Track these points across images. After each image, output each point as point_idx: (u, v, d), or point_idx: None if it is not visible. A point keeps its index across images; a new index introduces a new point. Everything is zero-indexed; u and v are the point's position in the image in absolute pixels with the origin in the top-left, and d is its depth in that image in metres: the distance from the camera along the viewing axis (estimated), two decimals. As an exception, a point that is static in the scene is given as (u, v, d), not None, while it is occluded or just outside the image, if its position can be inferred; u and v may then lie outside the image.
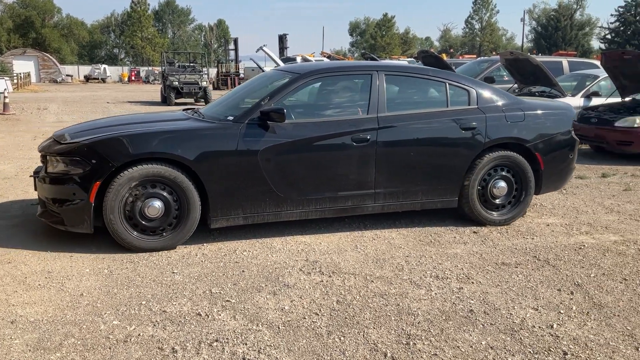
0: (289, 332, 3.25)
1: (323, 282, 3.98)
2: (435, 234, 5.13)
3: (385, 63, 5.94)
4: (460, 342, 3.16)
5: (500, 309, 3.58)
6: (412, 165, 5.09)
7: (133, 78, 51.79)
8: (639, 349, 3.11)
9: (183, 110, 5.68)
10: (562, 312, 3.55)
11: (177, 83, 21.93)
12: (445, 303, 3.66)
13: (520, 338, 3.21)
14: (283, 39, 36.17)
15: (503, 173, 5.39)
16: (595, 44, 72.40)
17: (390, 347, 3.09)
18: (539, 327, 3.35)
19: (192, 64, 26.12)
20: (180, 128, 4.78)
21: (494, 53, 54.06)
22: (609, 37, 67.71)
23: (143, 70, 54.45)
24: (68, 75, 51.60)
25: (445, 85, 5.37)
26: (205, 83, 22.85)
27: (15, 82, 33.23)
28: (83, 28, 75.78)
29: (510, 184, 5.42)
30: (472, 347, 3.10)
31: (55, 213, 4.55)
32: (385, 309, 3.55)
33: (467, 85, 5.43)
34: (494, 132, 5.26)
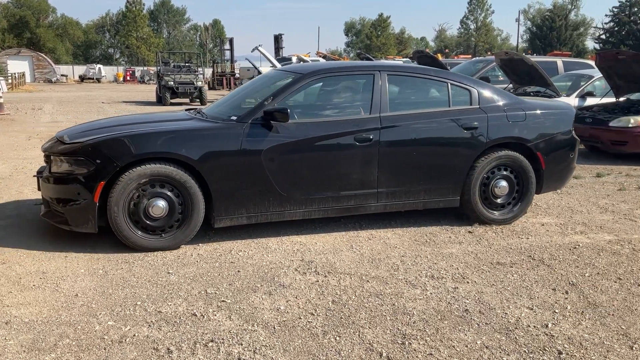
0: (285, 332, 3.25)
1: (319, 282, 3.98)
2: (431, 234, 5.14)
3: (387, 63, 5.94)
4: (456, 341, 3.16)
5: (496, 309, 3.58)
6: (414, 165, 5.11)
7: (128, 78, 51.72)
8: (633, 348, 3.12)
9: (186, 110, 5.70)
10: (557, 311, 3.56)
11: (172, 83, 21.89)
12: (441, 303, 3.66)
13: (515, 337, 3.22)
14: (278, 39, 36.18)
15: (504, 172, 5.41)
16: (590, 44, 72.82)
17: (386, 346, 3.09)
18: (534, 326, 3.35)
19: (187, 64, 26.07)
20: (184, 128, 4.79)
21: (489, 53, 54.20)
22: (604, 37, 68.04)
23: (138, 70, 54.38)
24: (63, 75, 51.49)
25: (447, 85, 5.39)
26: (201, 83, 22.82)
27: (10, 82, 33.13)
28: (78, 28, 75.62)
29: (512, 184, 5.44)
30: (467, 346, 3.11)
31: (60, 213, 4.55)
32: (381, 309, 3.55)
33: (468, 85, 5.45)
34: (496, 131, 5.29)
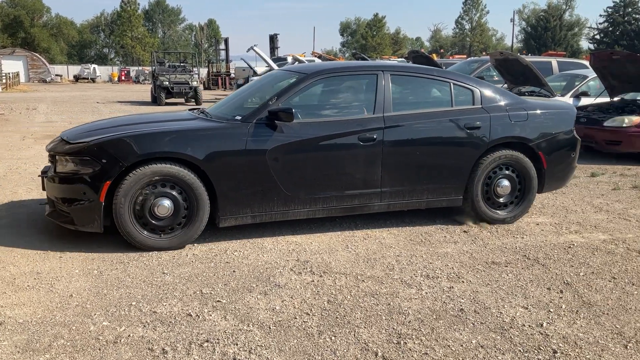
0: (280, 332, 3.25)
1: (314, 282, 3.98)
2: (426, 234, 5.14)
3: (391, 63, 5.97)
4: (451, 341, 3.17)
5: (491, 308, 3.59)
6: (417, 165, 5.14)
7: (123, 78, 51.55)
8: (628, 347, 3.13)
9: (189, 110, 5.72)
10: (551, 310, 3.57)
11: (167, 83, 21.83)
12: (436, 302, 3.67)
13: (510, 337, 3.22)
14: (274, 39, 36.14)
15: (507, 172, 5.44)
16: (584, 44, 73.07)
17: (381, 346, 3.10)
18: (529, 325, 3.36)
19: (182, 64, 26.00)
20: (190, 128, 4.79)
21: (484, 53, 54.35)
22: (598, 37, 68.31)
23: (133, 70, 54.23)
24: (57, 75, 51.34)
25: (450, 85, 5.41)
26: (196, 83, 22.78)
27: (4, 82, 33.02)
28: (72, 27, 75.46)
29: (514, 183, 5.47)
30: (462, 346, 3.12)
31: (65, 213, 4.55)
32: (376, 309, 3.55)
33: (471, 85, 5.48)
34: (498, 131, 5.31)
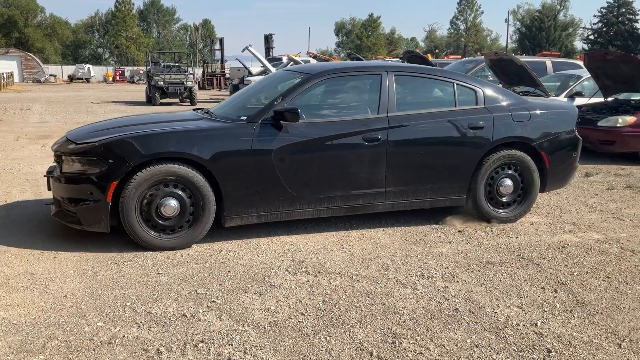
0: (275, 332, 3.24)
1: (309, 282, 3.98)
2: (421, 233, 5.15)
3: (394, 63, 6.00)
4: (446, 340, 3.17)
5: (485, 308, 3.60)
6: (421, 164, 5.16)
7: (118, 78, 51.41)
8: (622, 346, 3.14)
9: (193, 110, 5.74)
10: (546, 310, 3.58)
11: (162, 83, 21.77)
12: (431, 302, 3.68)
13: (505, 336, 3.23)
14: (269, 39, 36.12)
15: (509, 171, 5.47)
16: (579, 45, 73.36)
17: (376, 346, 3.10)
18: (523, 325, 3.37)
19: (177, 64, 25.97)
20: (196, 128, 4.80)
21: (479, 53, 54.42)
22: (592, 37, 68.60)
23: (128, 70, 54.09)
24: (51, 75, 51.13)
25: (453, 85, 5.44)
26: (191, 83, 22.74)
27: (-2, 82, 32.83)
28: (67, 27, 75.15)
29: (516, 182, 5.50)
30: (457, 345, 3.12)
31: (72, 213, 4.56)
32: (371, 309, 3.56)
33: (474, 85, 5.51)
34: (501, 131, 5.34)
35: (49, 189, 4.95)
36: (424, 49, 78.55)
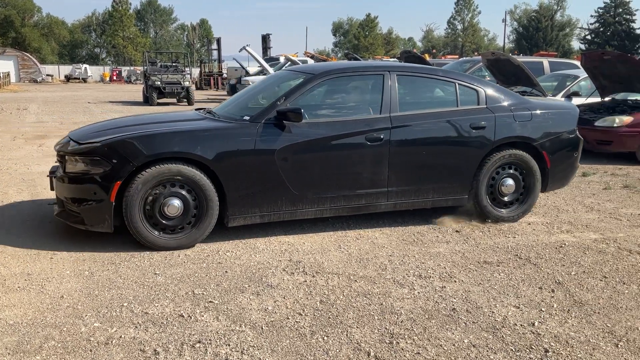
0: (272, 332, 3.24)
1: (306, 282, 3.98)
2: (418, 233, 5.15)
3: (397, 63, 6.01)
4: (443, 340, 3.17)
5: (483, 307, 3.60)
6: (423, 164, 5.18)
7: (115, 78, 51.34)
8: (619, 346, 3.15)
9: (196, 110, 5.75)
10: (543, 309, 3.59)
11: (159, 83, 21.73)
12: (428, 302, 3.67)
13: (502, 336, 3.23)
14: (266, 39, 36.10)
15: (511, 171, 5.50)
16: (576, 45, 73.49)
17: (374, 346, 3.09)
18: (521, 324, 3.37)
19: (174, 64, 25.90)
20: (199, 128, 4.80)
21: (476, 53, 54.51)
22: (589, 37, 68.74)
23: (125, 70, 54.02)
24: (48, 75, 51.04)
25: (455, 85, 5.46)
26: (188, 83, 22.68)
27: (-6, 82, 32.78)
28: (63, 27, 75.01)
29: (518, 182, 5.52)
30: (454, 345, 3.12)
31: (75, 213, 4.56)
32: (369, 309, 3.55)
33: (475, 85, 5.52)
34: (503, 131, 5.36)
35: (52, 189, 4.95)
36: (422, 49, 78.60)
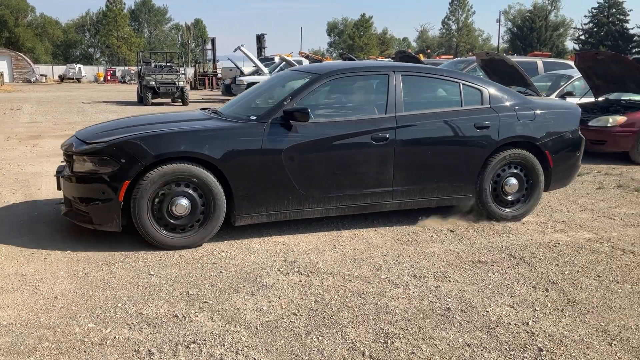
0: (267, 332, 3.24)
1: (301, 282, 3.98)
2: (413, 233, 5.16)
3: (401, 64, 6.03)
4: (438, 340, 3.18)
5: (477, 307, 3.61)
6: (428, 164, 5.20)
7: (109, 78, 51.19)
8: (612, 345, 3.16)
9: (201, 110, 5.77)
10: (537, 309, 3.60)
11: (153, 83, 21.68)
12: (423, 301, 3.68)
13: (497, 335, 3.24)
14: (261, 39, 36.08)
15: (514, 170, 5.53)
16: (570, 45, 73.71)
17: (369, 346, 3.10)
18: (515, 324, 3.38)
19: (169, 64, 25.87)
20: (207, 127, 4.81)
21: (470, 53, 54.60)
22: (583, 38, 68.95)
23: (119, 70, 53.87)
24: (42, 75, 50.82)
25: (459, 85, 5.49)
26: (183, 83, 22.65)
27: (-12, 82, 32.64)
28: (57, 27, 74.70)
29: (521, 181, 5.56)
30: (449, 344, 3.13)
31: (83, 212, 4.56)
32: (364, 308, 3.56)
33: (479, 85, 5.55)
34: (507, 130, 5.39)
35: (59, 189, 4.98)
36: (416, 49, 78.68)
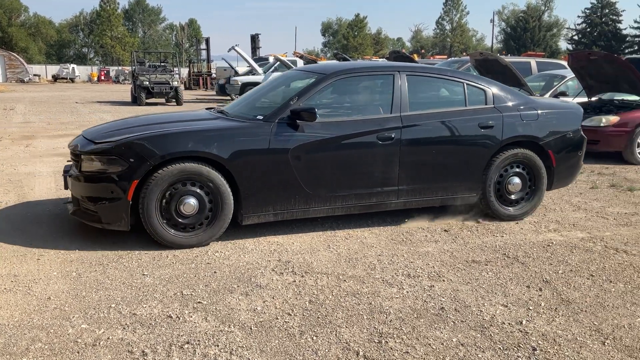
0: (261, 332, 3.23)
1: (295, 282, 3.98)
2: (407, 233, 5.16)
3: (406, 64, 6.06)
4: (432, 339, 3.18)
5: (471, 306, 3.61)
6: (433, 163, 5.23)
7: (102, 78, 51.04)
8: (605, 344, 3.17)
9: (206, 109, 5.78)
10: (531, 308, 3.61)
11: (147, 83, 21.62)
12: (417, 301, 3.68)
13: (490, 334, 3.25)
14: (255, 39, 36.11)
15: (517, 170, 5.57)
16: (563, 45, 73.95)
17: (363, 345, 3.10)
18: (509, 323, 3.39)
19: (163, 64, 25.80)
20: (214, 127, 4.83)
21: (464, 54, 54.70)
22: (576, 38, 69.22)
23: (113, 70, 53.70)
24: (35, 75, 50.57)
25: (464, 85, 5.53)
26: (177, 83, 22.59)
27: (-20, 82, 32.46)
28: (51, 27, 74.39)
29: (524, 180, 5.60)
30: (443, 344, 3.13)
31: (92, 211, 4.57)
32: (358, 308, 3.56)
33: (483, 85, 5.59)
34: (510, 130, 5.43)
35: (66, 188, 5.00)
36: (410, 49, 78.72)
